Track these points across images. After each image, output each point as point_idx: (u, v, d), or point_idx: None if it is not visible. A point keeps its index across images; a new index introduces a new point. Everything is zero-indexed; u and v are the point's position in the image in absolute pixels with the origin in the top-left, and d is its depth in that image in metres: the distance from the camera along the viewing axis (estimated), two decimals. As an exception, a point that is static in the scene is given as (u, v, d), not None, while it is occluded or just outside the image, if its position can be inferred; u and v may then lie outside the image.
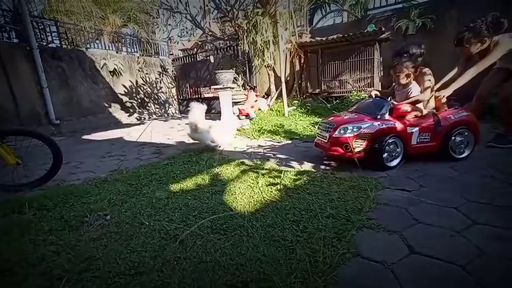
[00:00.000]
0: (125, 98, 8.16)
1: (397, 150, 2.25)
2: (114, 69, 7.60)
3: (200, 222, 1.47)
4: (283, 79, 5.29)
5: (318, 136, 2.62)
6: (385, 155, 2.20)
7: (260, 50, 5.40)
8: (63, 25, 7.04)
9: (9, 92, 5.48)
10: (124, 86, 8.13)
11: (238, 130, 4.59)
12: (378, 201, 1.62)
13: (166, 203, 1.80)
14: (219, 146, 3.38)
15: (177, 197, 1.90)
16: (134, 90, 8.45)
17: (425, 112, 2.35)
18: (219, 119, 5.17)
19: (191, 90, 9.72)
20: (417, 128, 2.25)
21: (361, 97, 5.10)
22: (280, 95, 5.90)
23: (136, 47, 9.04)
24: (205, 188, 2.04)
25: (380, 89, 5.56)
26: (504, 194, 1.62)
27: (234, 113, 5.00)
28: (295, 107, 5.50)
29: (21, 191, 2.18)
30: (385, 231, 1.31)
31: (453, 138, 2.27)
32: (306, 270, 1.05)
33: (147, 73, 8.83)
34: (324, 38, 5.60)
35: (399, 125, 2.22)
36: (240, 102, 5.53)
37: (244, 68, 7.20)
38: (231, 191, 1.93)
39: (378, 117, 2.25)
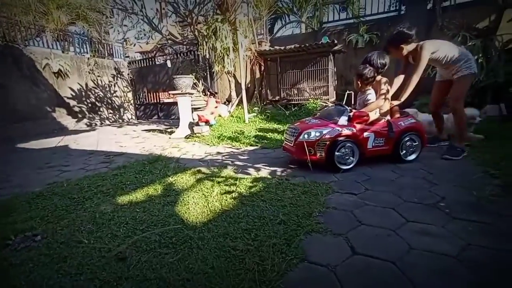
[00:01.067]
0: (72, 102, 7.46)
1: (352, 153, 2.43)
2: (60, 70, 6.92)
3: (141, 235, 1.38)
4: (243, 86, 5.33)
5: (286, 141, 2.76)
6: (346, 156, 2.39)
7: (220, 56, 5.39)
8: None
9: None
10: (72, 89, 7.44)
11: (197, 136, 4.49)
12: (327, 205, 1.70)
13: (111, 218, 1.66)
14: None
15: (124, 210, 1.77)
16: (83, 93, 7.78)
17: (374, 117, 2.54)
18: (178, 125, 5.01)
19: (149, 94, 9.28)
20: (373, 133, 2.45)
21: (318, 105, 5.38)
22: (241, 102, 5.93)
23: (86, 47, 8.36)
24: (156, 199, 1.93)
25: (334, 97, 5.95)
26: (432, 193, 1.82)
27: (193, 119, 4.88)
28: (255, 114, 5.58)
29: None
30: (331, 234, 1.37)
31: (403, 142, 2.52)
32: (254, 279, 1.05)
33: (99, 76, 8.21)
34: (282, 47, 5.81)
35: (356, 130, 2.40)
36: (200, 108, 5.42)
37: (205, 73, 7.11)
38: (184, 202, 1.86)
39: (339, 122, 2.44)
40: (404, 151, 2.55)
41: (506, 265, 1.09)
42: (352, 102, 5.99)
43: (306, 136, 2.42)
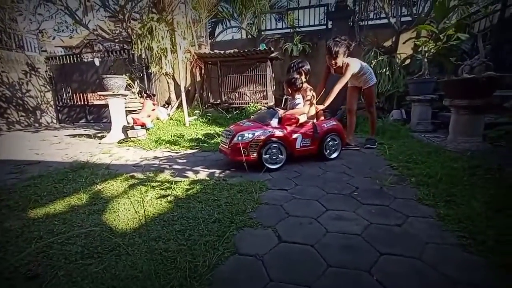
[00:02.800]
0: (-35, 103, 6.09)
1: (281, 152, 2.63)
2: None
3: (59, 248, 1.25)
4: (183, 89, 5.21)
5: (221, 143, 2.86)
6: (274, 156, 2.59)
7: (157, 57, 5.16)
8: None
9: None
10: (-36, 86, 6.08)
11: (132, 141, 4.20)
12: (260, 201, 1.82)
13: (19, 234, 1.45)
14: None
15: (38, 224, 1.56)
16: (-19, 92, 6.43)
17: (303, 119, 2.80)
18: (110, 130, 4.59)
19: (75, 95, 8.22)
20: (300, 135, 2.71)
21: (257, 108, 5.62)
22: (181, 105, 5.77)
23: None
24: (80, 209, 1.76)
25: (273, 101, 6.30)
26: (349, 185, 2.12)
27: (128, 123, 4.54)
28: (196, 117, 5.50)
29: None
30: (262, 227, 1.48)
31: (327, 142, 2.85)
32: (185, 277, 1.07)
33: (3, 71, 6.91)
34: (222, 52, 5.89)
35: (286, 132, 2.64)
36: (135, 110, 5.07)
37: (141, 74, 6.69)
38: (113, 209, 1.74)
39: (271, 124, 2.65)
40: (328, 150, 2.88)
41: (394, 236, 1.36)
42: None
43: (240, 138, 2.55)
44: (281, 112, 2.78)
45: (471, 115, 2.68)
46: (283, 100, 6.14)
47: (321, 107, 3.00)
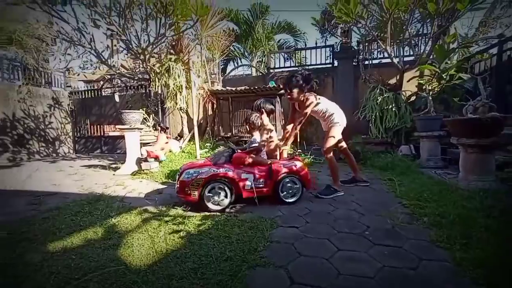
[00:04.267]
0: (-8, 134, 6.50)
1: (226, 194, 2.48)
2: (-20, 97, 6.09)
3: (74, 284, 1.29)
4: (195, 122, 5.44)
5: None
6: (216, 197, 2.45)
7: (173, 93, 5.50)
8: None
9: None
10: (-6, 119, 6.53)
11: (145, 173, 4.32)
12: (271, 239, 1.83)
13: (39, 268, 1.50)
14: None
15: (56, 258, 1.61)
16: (9, 124, 6.88)
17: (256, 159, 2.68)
18: (124, 161, 4.76)
19: (92, 127, 8.65)
20: (251, 175, 2.55)
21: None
22: (192, 137, 5.98)
23: (17, 74, 7.60)
24: (96, 243, 1.81)
25: (282, 135, 6.45)
26: (359, 223, 2.11)
27: (141, 155, 4.71)
28: (207, 150, 5.65)
29: None
30: (273, 267, 1.48)
31: (284, 184, 2.61)
32: (198, 319, 1.08)
33: (31, 105, 7.44)
34: (234, 88, 6.23)
35: (233, 171, 2.49)
36: (149, 143, 5.29)
37: (156, 108, 7.06)
38: (128, 244, 1.78)
39: (218, 163, 2.58)
40: (284, 192, 2.63)
41: (409, 280, 1.34)
42: (298, 139, 6.57)
43: (185, 175, 2.47)
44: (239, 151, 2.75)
45: (480, 154, 2.70)
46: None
47: (284, 147, 2.95)
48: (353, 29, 6.47)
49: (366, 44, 6.35)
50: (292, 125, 2.96)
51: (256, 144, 2.74)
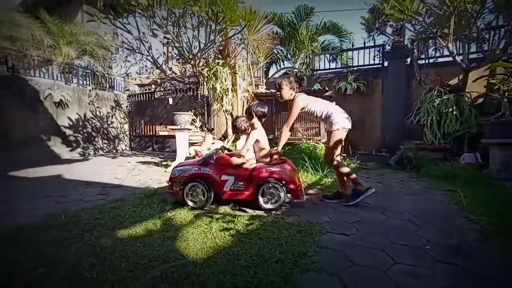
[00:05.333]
0: (69, 132, 7.54)
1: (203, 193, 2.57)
2: (61, 100, 7.13)
3: (143, 270, 1.42)
4: (284, 124, 5.61)
5: None
6: (194, 194, 2.58)
7: (220, 96, 5.74)
8: (3, 50, 6.51)
9: None
10: (70, 119, 7.58)
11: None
12: (321, 244, 1.80)
13: (112, 252, 1.70)
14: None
15: (124, 244, 1.81)
16: (81, 123, 7.90)
17: (238, 161, 2.67)
18: (174, 159, 5.12)
19: (145, 127, 9.48)
20: (232, 177, 2.57)
21: (310, 145, 5.66)
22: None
23: (88, 80, 8.71)
24: (156, 234, 1.98)
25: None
26: (417, 236, 1.95)
27: (190, 154, 5.01)
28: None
29: None
30: (326, 274, 1.46)
31: (264, 189, 2.52)
32: (255, 316, 1.11)
33: (98, 107, 8.44)
34: (277, 91, 6.26)
35: (214, 172, 2.58)
36: (197, 143, 5.60)
37: (203, 110, 7.44)
38: (183, 237, 1.92)
39: (204, 163, 2.66)
40: (264, 198, 2.54)
41: (483, 306, 1.20)
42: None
43: (173, 173, 2.69)
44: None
45: None
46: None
47: (274, 150, 2.80)
48: (406, 27, 6.01)
49: (422, 42, 5.83)
50: (286, 126, 2.75)
51: (239, 148, 2.74)
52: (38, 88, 6.79)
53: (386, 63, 6.66)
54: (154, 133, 9.33)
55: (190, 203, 2.58)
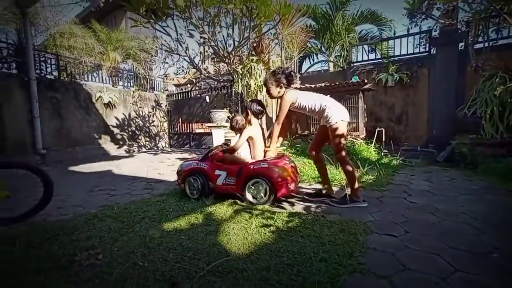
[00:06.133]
0: (116, 130, 8.19)
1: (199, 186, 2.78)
2: (109, 101, 7.76)
3: (189, 262, 1.47)
4: (274, 121, 5.57)
5: None
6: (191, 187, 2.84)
7: (254, 92, 5.76)
8: (64, 59, 7.31)
9: (-2, 120, 5.44)
10: (117, 119, 8.22)
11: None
12: (367, 245, 1.70)
13: (160, 243, 1.80)
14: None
15: (170, 236, 1.90)
16: (126, 122, 8.53)
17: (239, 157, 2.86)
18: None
19: (183, 125, 9.92)
20: (225, 172, 2.73)
21: (347, 141, 5.41)
22: (270, 136, 6.14)
23: (132, 82, 9.36)
24: (199, 227, 2.06)
25: (364, 134, 5.97)
26: (480, 242, 1.74)
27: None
28: (284, 147, 5.71)
29: (7, 225, 2.10)
30: (375, 276, 1.37)
31: (250, 184, 2.59)
32: (302, 315, 1.09)
33: (141, 107, 9.03)
34: (313, 85, 6.08)
35: (209, 167, 2.79)
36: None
37: (237, 107, 7.54)
38: (225, 232, 1.95)
39: (203, 159, 2.92)
40: (249, 193, 2.61)
41: None
42: (383, 138, 5.95)
43: (180, 167, 3.01)
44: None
45: None
46: (376, 132, 5.76)
47: (267, 148, 2.83)
48: (459, 7, 5.39)
49: (481, 22, 5.18)
50: (276, 124, 2.69)
51: (232, 144, 2.95)
52: (90, 91, 7.48)
53: (433, 51, 6.07)
54: (191, 131, 9.73)
55: (189, 194, 2.84)
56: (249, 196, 2.62)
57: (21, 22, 6.13)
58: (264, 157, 2.80)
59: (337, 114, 2.48)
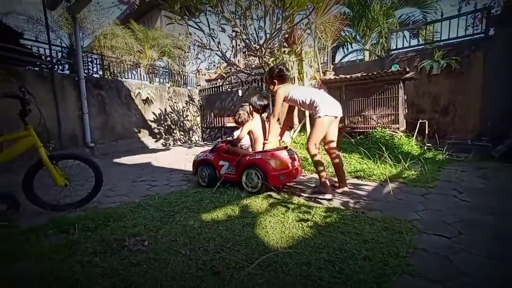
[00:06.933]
0: (153, 125, 8.65)
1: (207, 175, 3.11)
2: (147, 97, 8.20)
3: (229, 252, 1.49)
4: (307, 113, 5.44)
5: None
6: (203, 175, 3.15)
7: (285, 85, 5.66)
8: (107, 58, 7.86)
9: (56, 116, 6.04)
10: (154, 114, 8.67)
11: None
12: (415, 246, 1.58)
13: (199, 233, 1.85)
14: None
15: (209, 227, 1.96)
16: (162, 117, 8.97)
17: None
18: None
19: (215, 119, 10.16)
20: (227, 162, 2.98)
21: (386, 134, 5.10)
22: (303, 128, 6.02)
23: (167, 78, 9.78)
24: (235, 219, 2.08)
25: (404, 126, 5.57)
26: (555, 248, 1.52)
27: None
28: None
29: (65, 210, 2.34)
30: (426, 280, 1.27)
31: (246, 174, 2.81)
32: (348, 315, 1.04)
33: (175, 102, 9.42)
34: (348, 76, 5.80)
35: (215, 158, 3.08)
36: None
37: (268, 101, 7.49)
38: (262, 225, 1.96)
39: (210, 151, 3.24)
40: (246, 182, 2.82)
41: None
42: (426, 131, 5.50)
43: (196, 157, 3.30)
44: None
45: None
46: (417, 124, 5.34)
47: (266, 141, 2.94)
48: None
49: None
50: (272, 117, 2.86)
51: (235, 137, 3.17)
52: (130, 88, 7.97)
53: (492, 31, 5.39)
54: (222, 125, 9.93)
55: (201, 183, 3.16)
56: (245, 185, 2.83)
57: (71, 27, 6.71)
58: (263, 149, 2.94)
59: (324, 109, 2.54)
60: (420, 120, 5.59)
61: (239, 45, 6.02)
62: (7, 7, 7.43)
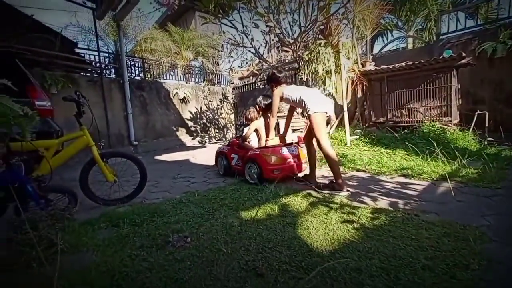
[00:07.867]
0: (190, 123, 8.97)
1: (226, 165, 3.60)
2: (184, 97, 8.52)
3: (271, 253, 1.43)
4: (345, 108, 5.16)
5: None
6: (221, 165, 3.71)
7: (322, 79, 5.43)
8: (147, 61, 8.32)
9: (104, 117, 6.58)
10: (190, 112, 8.99)
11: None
12: (488, 257, 1.37)
13: (239, 231, 1.83)
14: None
15: (249, 225, 1.93)
16: (198, 115, 9.26)
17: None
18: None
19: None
20: (237, 155, 3.39)
21: (435, 128, 4.62)
22: (340, 124, 5.74)
23: (202, 77, 10.06)
24: (275, 218, 2.03)
25: (458, 119, 4.99)
26: None
27: (292, 140, 4.99)
28: (357, 136, 5.25)
29: (115, 205, 2.50)
30: (507, 299, 1.08)
31: (248, 167, 3.12)
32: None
33: (210, 101, 9.65)
34: (390, 66, 5.36)
35: (229, 151, 3.54)
36: (299, 129, 5.54)
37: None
38: (303, 225, 1.87)
39: (226, 145, 3.75)
40: (248, 174, 3.12)
41: None
42: (487, 124, 4.86)
43: (217, 149, 3.87)
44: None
45: None
46: (475, 116, 4.74)
47: (268, 138, 3.16)
48: None
49: None
50: (271, 116, 3.07)
51: (244, 134, 3.48)
52: (168, 88, 8.35)
53: None
54: (255, 122, 9.94)
55: (220, 172, 3.68)
56: (247, 176, 3.13)
57: (116, 34, 7.21)
58: (265, 145, 3.20)
59: (311, 106, 2.62)
60: (478, 112, 4.96)
61: (272, 40, 5.89)
62: (65, 21, 8.26)
